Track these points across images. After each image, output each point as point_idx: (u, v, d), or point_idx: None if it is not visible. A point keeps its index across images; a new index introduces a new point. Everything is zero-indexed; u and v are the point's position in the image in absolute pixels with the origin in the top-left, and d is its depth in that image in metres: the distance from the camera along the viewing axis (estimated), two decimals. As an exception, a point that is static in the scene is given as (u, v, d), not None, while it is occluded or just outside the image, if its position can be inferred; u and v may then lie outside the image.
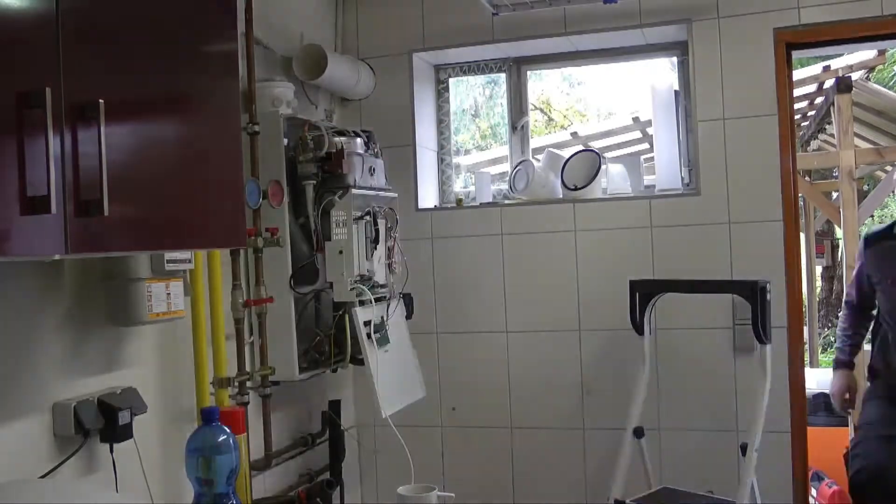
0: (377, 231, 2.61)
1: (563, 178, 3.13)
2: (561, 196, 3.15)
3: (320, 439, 2.85)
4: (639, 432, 2.76)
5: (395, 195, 2.86)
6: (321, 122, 2.73)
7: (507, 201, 3.25)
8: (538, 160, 3.32)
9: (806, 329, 6.25)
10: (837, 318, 3.61)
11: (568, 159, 3.17)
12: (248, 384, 2.37)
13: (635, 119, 5.23)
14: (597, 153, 3.20)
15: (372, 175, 2.69)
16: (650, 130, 5.28)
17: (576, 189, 3.08)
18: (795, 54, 2.97)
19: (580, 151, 3.23)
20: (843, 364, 3.26)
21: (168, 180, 1.54)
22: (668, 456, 2.93)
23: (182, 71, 1.60)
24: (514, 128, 3.37)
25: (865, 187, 8.27)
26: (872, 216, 12.02)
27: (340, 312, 2.64)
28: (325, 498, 2.57)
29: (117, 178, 1.34)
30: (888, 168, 6.67)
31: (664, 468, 2.93)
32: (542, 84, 8.40)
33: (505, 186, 3.41)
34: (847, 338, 3.24)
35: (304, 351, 2.66)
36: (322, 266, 2.57)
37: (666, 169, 3.11)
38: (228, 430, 1.83)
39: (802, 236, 6.87)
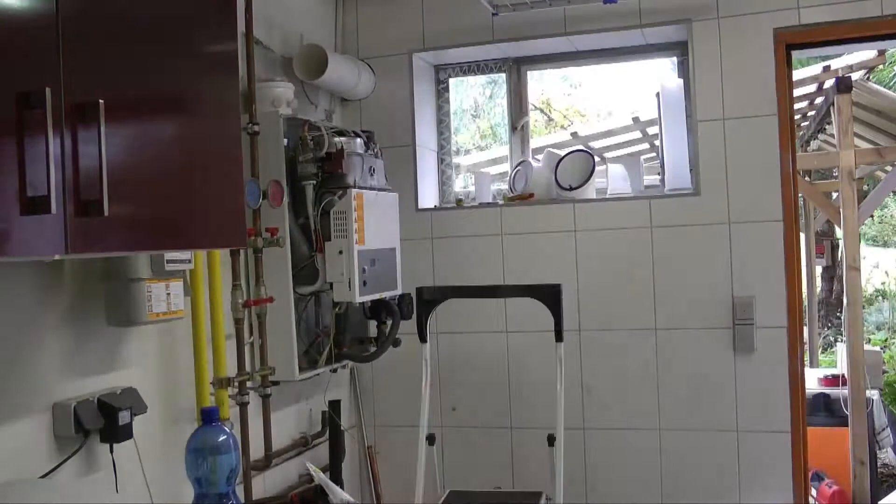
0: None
1: (558, 178, 3.13)
2: (555, 195, 3.15)
3: (320, 439, 2.85)
4: (431, 439, 2.72)
5: (396, 195, 2.86)
6: (321, 122, 2.73)
7: (500, 201, 3.25)
8: (538, 160, 3.32)
9: (806, 329, 6.26)
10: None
11: (561, 159, 3.17)
12: (248, 384, 2.37)
13: (635, 119, 5.23)
14: (590, 153, 3.20)
15: (372, 175, 2.69)
16: (650, 130, 5.30)
17: (571, 189, 3.07)
18: (795, 54, 2.97)
19: (573, 151, 3.23)
20: None
21: (168, 180, 1.54)
22: (668, 456, 2.93)
23: (182, 71, 1.60)
24: (514, 128, 3.37)
25: (865, 187, 8.26)
26: (872, 216, 12.04)
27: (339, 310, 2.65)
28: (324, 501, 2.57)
29: (117, 179, 1.34)
30: (888, 168, 6.67)
31: (664, 468, 2.94)
32: (542, 84, 8.40)
33: (505, 186, 3.41)
34: None
35: (304, 351, 2.67)
36: (322, 266, 2.57)
37: (676, 169, 3.09)
38: (228, 430, 1.83)
39: (802, 236, 6.87)
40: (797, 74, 4.93)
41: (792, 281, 2.82)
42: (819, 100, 5.96)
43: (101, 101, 1.30)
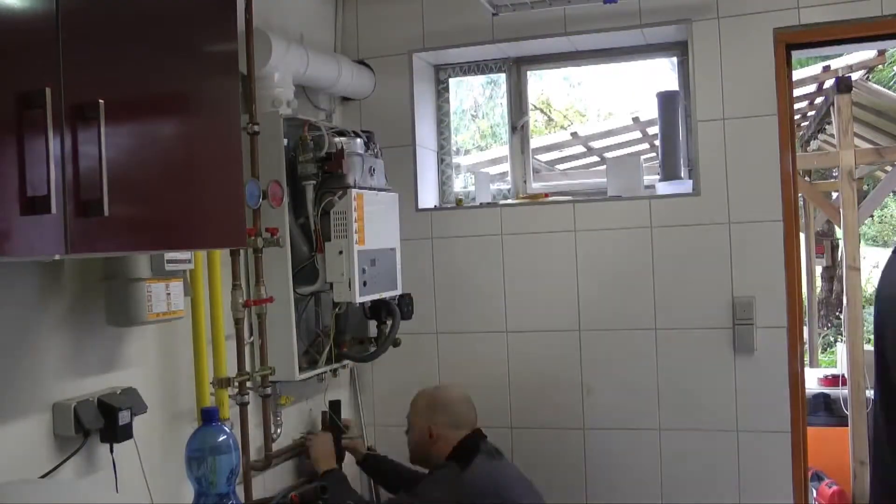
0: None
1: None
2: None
3: (320, 439, 2.85)
4: None
5: (396, 195, 2.86)
6: (321, 122, 2.73)
7: (507, 201, 3.25)
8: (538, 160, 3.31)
9: (806, 329, 6.27)
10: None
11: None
12: (248, 384, 2.37)
13: (635, 119, 5.23)
14: None
15: (372, 175, 2.69)
16: (650, 130, 5.30)
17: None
18: (795, 54, 2.97)
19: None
20: None
21: (168, 180, 1.54)
22: (668, 456, 2.93)
23: (182, 71, 1.60)
24: (514, 128, 3.37)
25: (865, 187, 8.27)
26: (872, 216, 12.04)
27: (339, 311, 2.65)
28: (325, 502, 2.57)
29: (117, 178, 1.34)
30: (888, 168, 6.67)
31: (664, 468, 2.93)
32: (542, 84, 8.41)
33: (505, 186, 3.42)
34: None
35: (304, 351, 2.67)
36: (322, 266, 2.57)
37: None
38: (228, 430, 1.83)
39: (802, 236, 6.87)
40: (797, 74, 4.93)
41: (792, 281, 2.82)
42: (819, 100, 5.96)
43: (101, 101, 1.30)
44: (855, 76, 5.35)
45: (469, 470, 2.46)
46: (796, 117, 5.89)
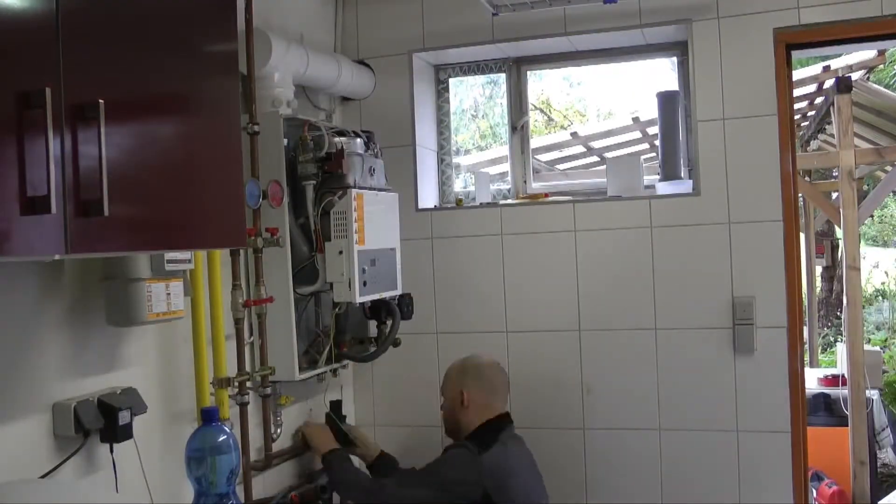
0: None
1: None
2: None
3: (320, 439, 2.85)
4: None
5: (396, 195, 2.86)
6: (321, 122, 2.73)
7: (507, 201, 3.25)
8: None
9: (806, 329, 6.27)
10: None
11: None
12: (248, 384, 2.37)
13: (635, 119, 5.24)
14: None
15: (372, 175, 2.69)
16: (650, 130, 5.31)
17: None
18: (795, 54, 2.97)
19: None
20: None
21: (168, 180, 1.54)
22: (668, 456, 2.93)
23: (182, 71, 1.60)
24: (514, 128, 3.37)
25: (865, 187, 8.27)
26: (872, 216, 12.04)
27: (339, 311, 2.65)
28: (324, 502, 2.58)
29: (117, 179, 1.34)
30: (888, 168, 6.68)
31: (664, 468, 2.94)
32: (542, 84, 8.41)
33: (505, 186, 3.42)
34: None
35: (304, 351, 2.67)
36: (322, 266, 2.57)
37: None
38: (228, 430, 1.83)
39: (802, 236, 6.87)
40: (797, 74, 4.94)
41: (792, 281, 2.82)
42: (819, 100, 5.97)
43: (101, 101, 1.30)
44: (855, 76, 5.35)
45: (487, 454, 2.49)
46: (796, 117, 5.89)
